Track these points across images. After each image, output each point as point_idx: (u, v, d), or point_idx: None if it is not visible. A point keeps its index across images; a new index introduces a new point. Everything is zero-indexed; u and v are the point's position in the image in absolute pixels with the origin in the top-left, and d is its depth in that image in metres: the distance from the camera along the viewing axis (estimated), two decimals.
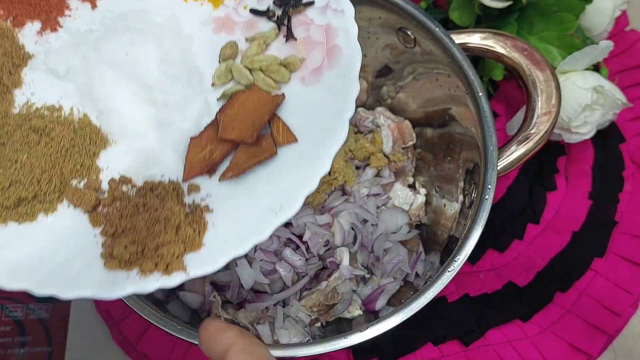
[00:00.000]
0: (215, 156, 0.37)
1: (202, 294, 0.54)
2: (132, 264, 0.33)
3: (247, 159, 0.36)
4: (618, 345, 0.58)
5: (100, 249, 0.35)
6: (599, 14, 0.60)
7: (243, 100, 0.38)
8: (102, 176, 0.38)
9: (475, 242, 0.44)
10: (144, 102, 0.39)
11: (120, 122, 0.38)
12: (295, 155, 0.37)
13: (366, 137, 0.58)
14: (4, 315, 0.61)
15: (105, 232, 0.35)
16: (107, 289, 0.33)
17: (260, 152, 0.36)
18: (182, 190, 0.37)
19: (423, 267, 0.55)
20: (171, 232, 0.34)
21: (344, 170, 0.53)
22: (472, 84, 0.48)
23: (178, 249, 0.34)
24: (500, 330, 0.57)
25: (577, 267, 0.59)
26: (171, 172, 0.38)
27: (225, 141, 0.37)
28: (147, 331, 0.57)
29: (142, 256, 0.34)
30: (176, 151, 0.38)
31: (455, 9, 0.62)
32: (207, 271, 0.33)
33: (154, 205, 0.35)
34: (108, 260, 0.34)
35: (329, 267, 0.51)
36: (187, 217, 0.35)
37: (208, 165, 0.37)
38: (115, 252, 0.34)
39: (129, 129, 0.38)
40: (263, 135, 0.37)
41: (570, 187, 0.63)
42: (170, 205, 0.35)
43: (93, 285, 0.33)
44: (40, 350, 0.60)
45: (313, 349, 0.41)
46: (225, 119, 0.37)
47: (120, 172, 0.38)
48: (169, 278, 0.33)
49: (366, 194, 0.56)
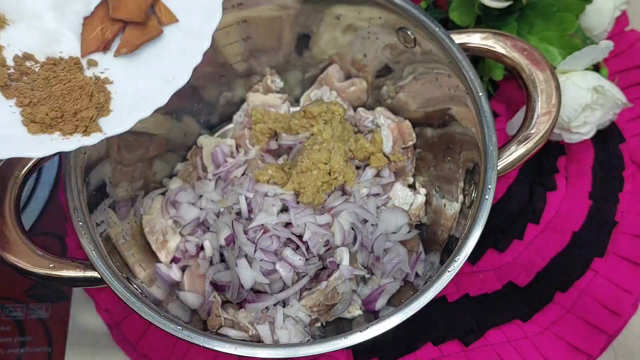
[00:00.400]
0: (107, 34, 0.42)
1: (202, 294, 0.54)
2: (54, 127, 0.40)
3: (137, 36, 0.42)
4: (618, 345, 0.58)
5: (19, 117, 0.40)
6: (599, 14, 0.60)
7: None
8: (5, 53, 0.41)
9: (475, 242, 0.44)
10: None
11: (17, 4, 0.42)
12: (179, 33, 0.43)
13: (366, 137, 0.58)
14: (4, 315, 0.61)
15: (20, 102, 0.40)
16: (35, 149, 0.39)
17: (148, 31, 0.42)
18: (82, 65, 0.42)
19: (423, 267, 0.55)
20: (86, 99, 0.40)
21: (344, 170, 0.53)
22: (472, 84, 0.48)
23: (93, 113, 0.40)
24: (500, 330, 0.57)
25: (577, 267, 0.59)
26: (69, 50, 0.42)
27: (116, 20, 0.42)
28: (147, 331, 0.57)
29: (62, 120, 0.40)
30: (72, 30, 0.43)
31: (455, 9, 0.62)
32: (119, 131, 0.40)
33: (66, 78, 0.41)
34: (31, 126, 0.39)
35: (329, 267, 0.51)
36: (96, 85, 0.41)
37: (103, 42, 0.42)
38: (37, 118, 0.39)
39: (27, 11, 0.42)
40: (148, 16, 0.42)
41: (570, 187, 0.63)
42: (81, 77, 0.41)
43: (21, 146, 0.39)
44: (40, 350, 0.60)
45: (313, 349, 0.41)
46: (114, 1, 0.41)
47: (22, 49, 0.41)
48: (88, 138, 0.39)
49: (366, 194, 0.56)
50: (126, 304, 0.43)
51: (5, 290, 0.62)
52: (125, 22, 0.42)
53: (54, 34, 0.42)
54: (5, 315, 0.61)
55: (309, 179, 0.52)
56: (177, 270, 0.55)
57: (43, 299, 0.62)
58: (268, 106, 0.61)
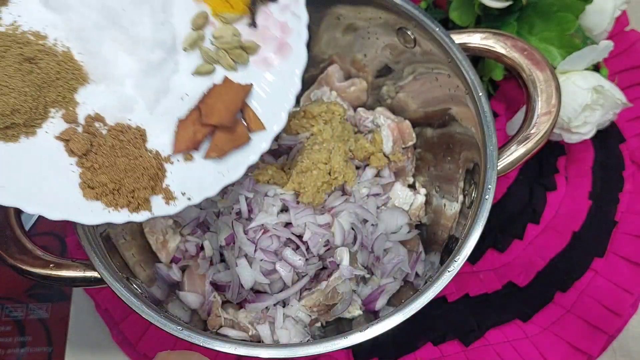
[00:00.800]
0: (198, 136, 0.43)
1: (202, 294, 0.54)
2: (108, 197, 0.41)
3: (226, 142, 0.44)
4: (618, 345, 0.58)
5: (77, 179, 0.41)
6: (599, 14, 0.60)
7: (219, 90, 0.44)
8: (79, 110, 0.42)
9: (475, 242, 0.44)
10: (130, 55, 0.43)
11: (105, 67, 0.42)
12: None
13: (366, 137, 0.58)
14: (4, 315, 0.61)
15: (82, 163, 0.41)
16: (87, 216, 0.40)
17: (237, 138, 0.44)
18: (146, 137, 0.43)
19: (423, 267, 0.55)
20: (146, 180, 0.41)
21: (344, 170, 0.53)
22: (472, 84, 0.48)
23: (148, 194, 0.42)
24: (500, 330, 0.57)
25: (577, 267, 0.59)
26: (138, 120, 0.43)
27: (207, 125, 0.43)
28: (147, 331, 0.57)
29: (118, 193, 0.41)
30: (146, 101, 0.43)
31: (455, 9, 0.62)
32: (166, 214, 0.42)
33: (132, 153, 0.42)
34: (87, 191, 0.40)
35: (329, 267, 0.51)
36: (159, 168, 0.42)
37: (194, 144, 0.43)
38: (95, 185, 0.40)
39: (111, 74, 0.43)
40: (237, 121, 0.44)
41: (570, 187, 0.63)
42: (147, 155, 0.42)
43: (75, 210, 0.40)
44: (40, 350, 0.60)
45: (313, 349, 0.41)
46: (206, 108, 0.43)
47: (95, 109, 0.42)
48: (137, 215, 0.41)
49: (366, 194, 0.56)
50: (126, 304, 0.43)
51: (5, 290, 0.62)
52: (215, 126, 0.43)
53: (130, 101, 0.43)
54: (5, 315, 0.61)
55: (309, 179, 0.52)
56: (177, 270, 0.55)
57: (43, 299, 0.62)
58: None
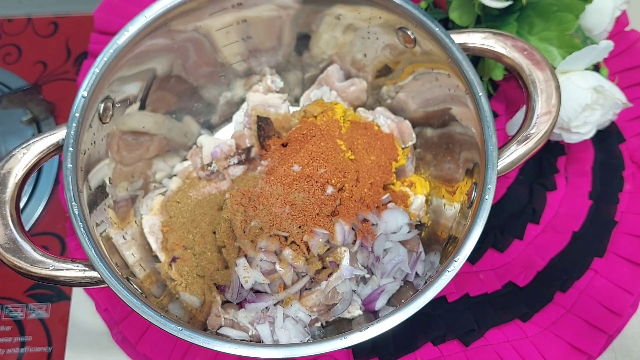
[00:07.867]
0: None
1: (202, 294, 0.54)
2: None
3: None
4: (618, 345, 0.58)
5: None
6: (599, 14, 0.60)
7: None
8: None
9: (475, 242, 0.44)
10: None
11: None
12: None
13: None
14: (4, 315, 0.61)
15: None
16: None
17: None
18: None
19: (423, 267, 0.55)
20: None
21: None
22: (472, 84, 0.48)
23: None
24: (500, 330, 0.57)
25: (577, 267, 0.59)
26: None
27: None
28: (147, 331, 0.57)
29: None
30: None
31: (455, 9, 0.62)
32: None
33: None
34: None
35: (329, 267, 0.51)
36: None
37: None
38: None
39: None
40: None
41: (570, 187, 0.63)
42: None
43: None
44: (40, 350, 0.60)
45: (313, 349, 0.41)
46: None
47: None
48: None
49: None
50: (126, 304, 0.43)
51: (5, 290, 0.62)
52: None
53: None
54: (5, 315, 0.61)
55: None
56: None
57: (43, 299, 0.62)
58: (268, 106, 0.61)
